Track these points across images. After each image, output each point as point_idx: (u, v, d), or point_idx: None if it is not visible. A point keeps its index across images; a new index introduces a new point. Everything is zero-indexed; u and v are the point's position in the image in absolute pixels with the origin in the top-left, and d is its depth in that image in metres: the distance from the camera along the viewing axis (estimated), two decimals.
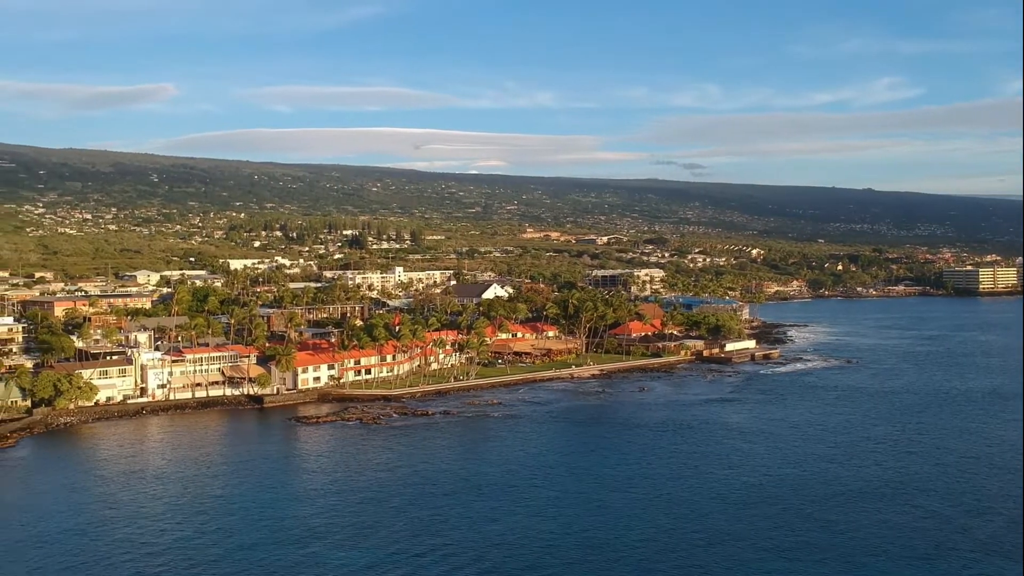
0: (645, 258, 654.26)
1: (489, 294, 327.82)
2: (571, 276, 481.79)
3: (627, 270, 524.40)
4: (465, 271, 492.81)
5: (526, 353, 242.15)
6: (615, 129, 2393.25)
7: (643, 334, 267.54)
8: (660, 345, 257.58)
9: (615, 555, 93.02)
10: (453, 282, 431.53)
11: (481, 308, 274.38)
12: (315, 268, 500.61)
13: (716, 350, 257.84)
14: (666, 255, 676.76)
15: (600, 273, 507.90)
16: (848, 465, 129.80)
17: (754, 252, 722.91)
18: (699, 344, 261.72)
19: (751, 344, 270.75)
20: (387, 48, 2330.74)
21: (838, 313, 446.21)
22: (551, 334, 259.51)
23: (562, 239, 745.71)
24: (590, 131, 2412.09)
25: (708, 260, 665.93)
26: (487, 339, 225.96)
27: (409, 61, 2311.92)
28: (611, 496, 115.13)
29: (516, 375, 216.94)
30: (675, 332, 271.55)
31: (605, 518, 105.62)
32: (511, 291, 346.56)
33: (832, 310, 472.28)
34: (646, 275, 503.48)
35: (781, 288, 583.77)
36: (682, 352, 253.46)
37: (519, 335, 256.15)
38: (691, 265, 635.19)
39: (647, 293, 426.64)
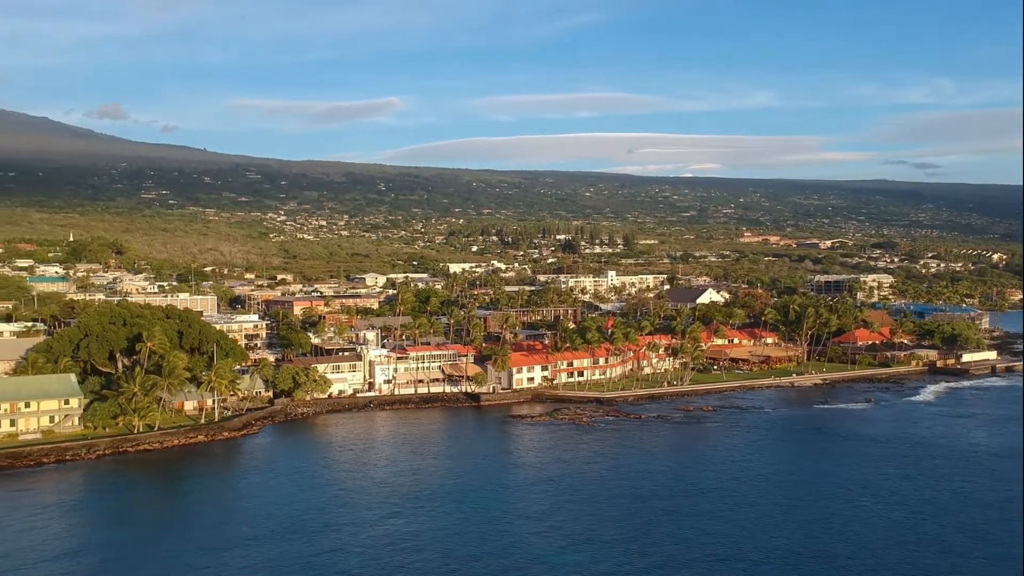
0: (872, 263, 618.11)
1: (704, 299, 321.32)
2: (791, 281, 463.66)
3: (852, 275, 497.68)
4: (679, 275, 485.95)
5: (743, 359, 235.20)
6: (840, 128, 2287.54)
7: (870, 343, 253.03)
8: (888, 354, 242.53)
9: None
10: (667, 286, 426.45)
11: (696, 313, 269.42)
12: (529, 272, 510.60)
13: (951, 361, 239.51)
14: (895, 260, 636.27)
15: (823, 278, 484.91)
16: None
17: (995, 257, 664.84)
18: (932, 354, 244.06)
19: (991, 355, 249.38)
20: (604, 54, 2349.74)
21: None
22: (770, 340, 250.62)
23: (782, 243, 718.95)
24: (813, 131, 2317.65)
25: (942, 265, 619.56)
26: (702, 344, 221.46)
27: (626, 66, 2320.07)
28: (837, 507, 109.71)
29: (732, 382, 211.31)
30: (905, 341, 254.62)
31: (832, 533, 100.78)
32: (727, 296, 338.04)
33: None
34: (873, 281, 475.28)
35: None
36: (913, 362, 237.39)
37: (736, 341, 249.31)
38: (923, 271, 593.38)
39: (874, 300, 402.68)
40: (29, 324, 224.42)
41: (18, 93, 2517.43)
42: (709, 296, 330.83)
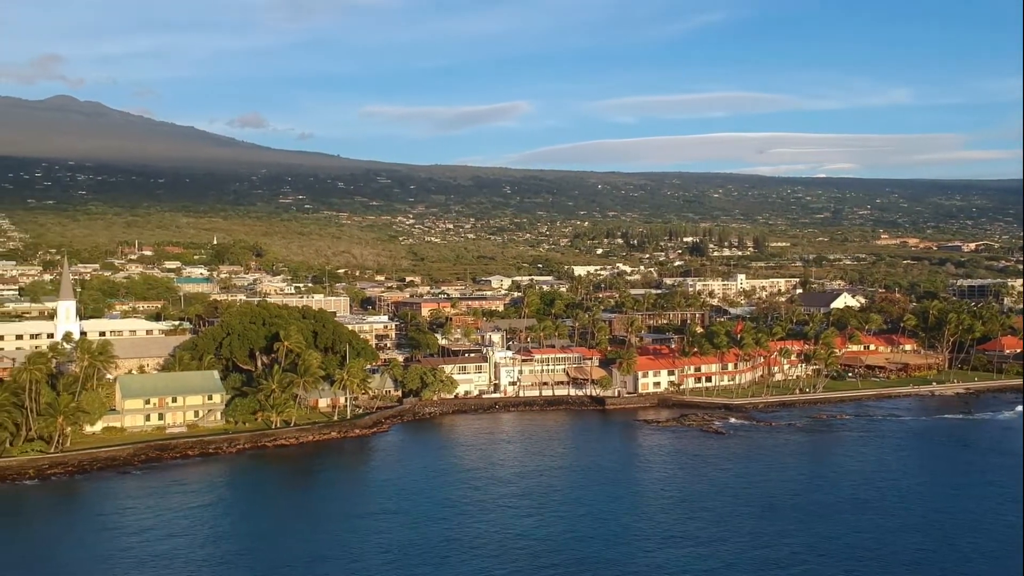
0: (1020, 267, 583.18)
1: (839, 303, 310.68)
2: (932, 285, 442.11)
3: (999, 280, 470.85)
4: (812, 279, 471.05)
5: (880, 367, 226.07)
6: (980, 125, 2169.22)
7: (1018, 351, 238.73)
8: None
9: None
10: (799, 290, 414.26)
11: (830, 318, 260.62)
12: (655, 275, 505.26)
13: None
14: None
15: (966, 283, 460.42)
16: None
17: None
18: None
19: None
20: (730, 53, 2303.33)
21: None
22: (908, 347, 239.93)
23: (921, 246, 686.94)
24: (952, 128, 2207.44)
25: None
26: (836, 350, 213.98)
27: (753, 65, 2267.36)
28: (987, 523, 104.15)
29: (868, 389, 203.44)
30: None
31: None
32: (863, 301, 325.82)
33: None
34: (1022, 285, 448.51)
35: None
36: None
37: (872, 347, 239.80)
38: None
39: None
40: (176, 323, 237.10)
41: (166, 104, 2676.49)
42: (844, 300, 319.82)
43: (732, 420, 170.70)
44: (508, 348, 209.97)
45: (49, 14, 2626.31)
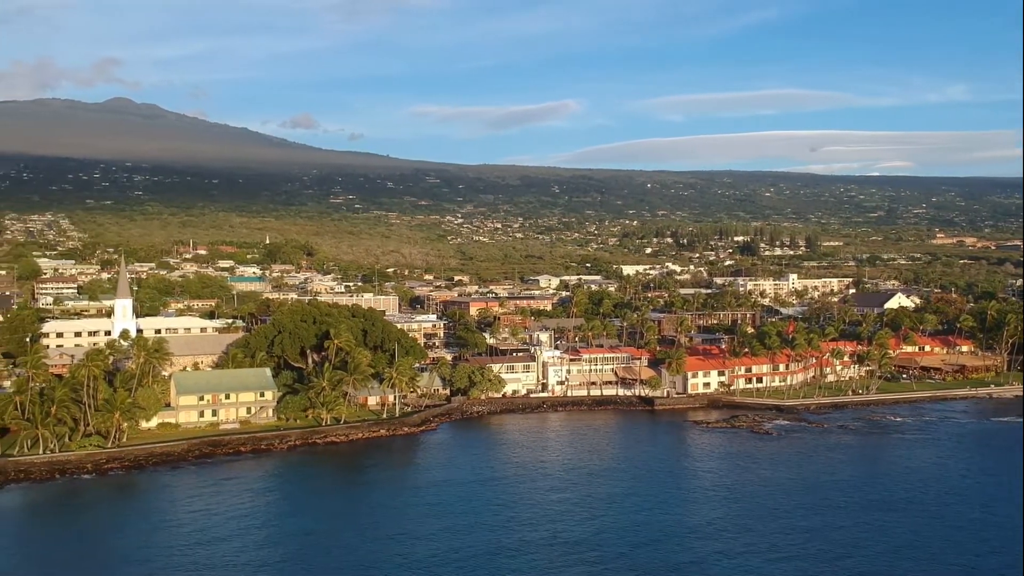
0: None
1: (893, 303, 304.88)
2: (990, 286, 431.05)
3: None
4: (866, 279, 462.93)
5: (935, 368, 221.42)
6: None
7: None
8: None
9: None
10: (852, 290, 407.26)
11: (884, 318, 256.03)
12: (705, 274, 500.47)
13: None
14: None
15: None
16: None
17: None
18: None
19: None
20: (780, 51, 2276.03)
21: None
22: (965, 349, 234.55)
23: (979, 245, 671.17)
24: (1011, 125, 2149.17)
25: None
26: (890, 351, 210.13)
27: (804, 62, 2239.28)
28: None
29: (923, 391, 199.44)
30: None
31: None
32: (918, 301, 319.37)
33: None
34: None
35: None
36: None
37: (927, 348, 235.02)
38: None
39: None
40: (229, 321, 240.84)
41: (220, 106, 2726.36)
42: (898, 301, 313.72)
43: (783, 422, 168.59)
44: (556, 347, 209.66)
45: (108, 19, 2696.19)
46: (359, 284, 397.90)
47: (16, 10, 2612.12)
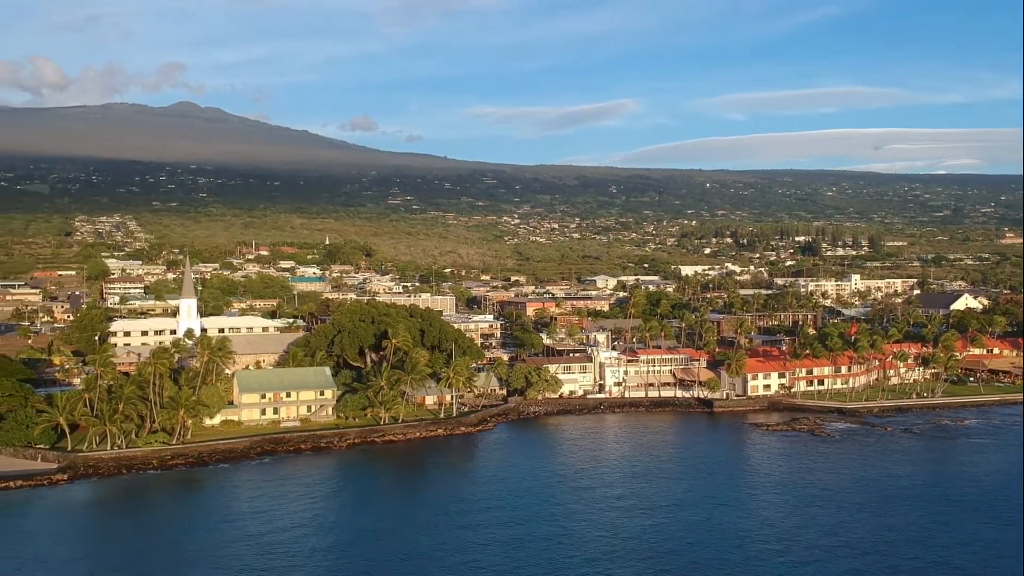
0: None
1: (959, 305, 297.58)
2: None
3: None
4: (931, 279, 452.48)
5: (1004, 371, 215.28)
6: None
7: None
8: None
9: None
10: (917, 291, 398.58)
11: (950, 320, 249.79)
12: (765, 275, 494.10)
13: None
14: None
15: None
16: None
17: None
18: None
19: None
20: (842, 47, 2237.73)
21: None
22: None
23: None
24: None
25: None
26: (956, 354, 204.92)
27: (866, 59, 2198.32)
28: None
29: (990, 395, 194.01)
30: None
31: None
32: (986, 302, 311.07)
33: None
34: None
35: None
36: None
37: (996, 351, 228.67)
38: None
39: None
40: (291, 320, 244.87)
41: (281, 109, 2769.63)
42: (965, 302, 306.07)
43: (845, 424, 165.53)
44: (613, 348, 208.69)
45: (174, 25, 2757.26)
46: (417, 284, 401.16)
47: (85, 18, 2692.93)
